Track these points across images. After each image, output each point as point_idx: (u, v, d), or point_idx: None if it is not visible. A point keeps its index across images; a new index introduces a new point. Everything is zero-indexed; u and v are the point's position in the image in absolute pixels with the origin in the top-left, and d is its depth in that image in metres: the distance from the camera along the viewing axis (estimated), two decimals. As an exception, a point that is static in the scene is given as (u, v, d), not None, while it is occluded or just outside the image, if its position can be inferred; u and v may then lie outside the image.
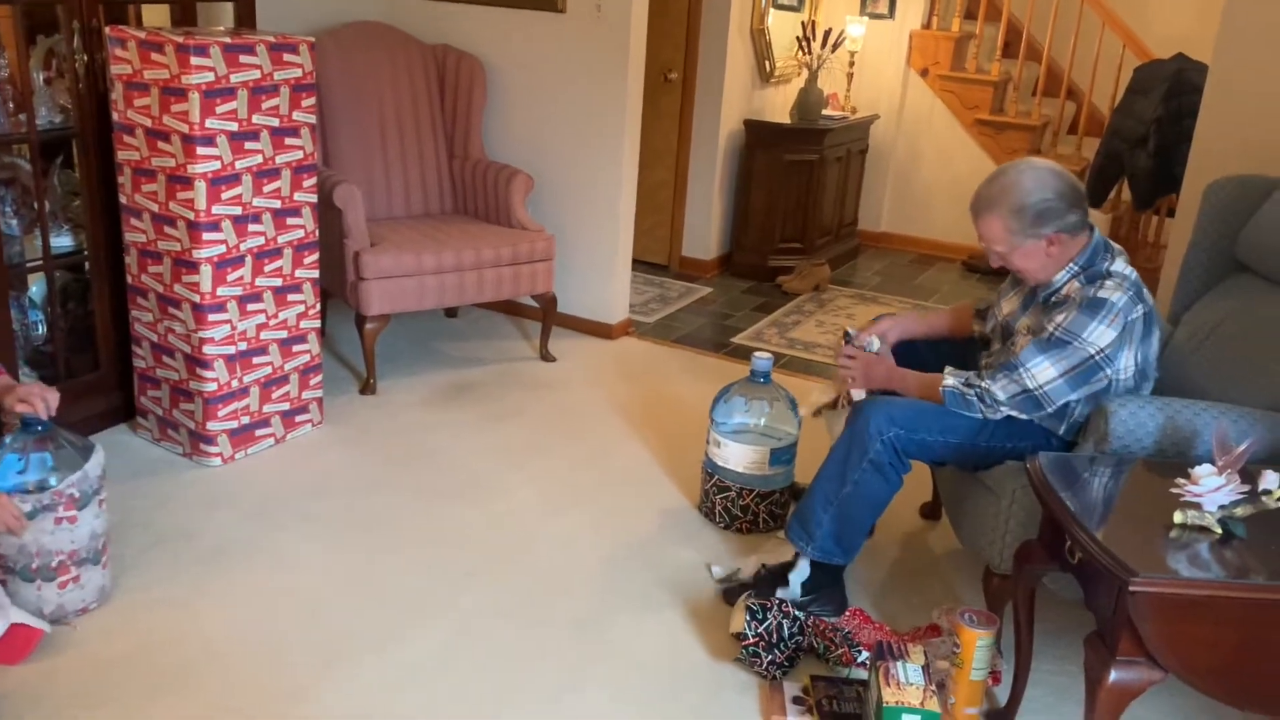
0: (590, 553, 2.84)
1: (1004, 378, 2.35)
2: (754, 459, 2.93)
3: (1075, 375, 2.29)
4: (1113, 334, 2.27)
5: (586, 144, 4.30)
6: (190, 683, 2.24)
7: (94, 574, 2.42)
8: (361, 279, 3.60)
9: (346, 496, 3.04)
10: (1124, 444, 2.20)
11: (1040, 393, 2.32)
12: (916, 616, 2.62)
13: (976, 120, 6.11)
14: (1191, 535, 1.84)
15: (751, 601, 2.42)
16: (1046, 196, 2.30)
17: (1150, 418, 2.19)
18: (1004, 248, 2.37)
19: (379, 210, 4.11)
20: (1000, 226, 2.34)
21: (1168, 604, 1.72)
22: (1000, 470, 2.40)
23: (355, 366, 3.96)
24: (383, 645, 2.41)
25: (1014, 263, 2.39)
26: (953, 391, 2.40)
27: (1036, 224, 2.31)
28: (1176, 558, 1.79)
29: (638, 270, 5.34)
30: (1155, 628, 1.72)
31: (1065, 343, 2.29)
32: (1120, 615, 1.74)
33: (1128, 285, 2.31)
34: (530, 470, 3.28)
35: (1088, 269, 2.36)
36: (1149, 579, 1.70)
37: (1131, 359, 2.33)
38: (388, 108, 4.15)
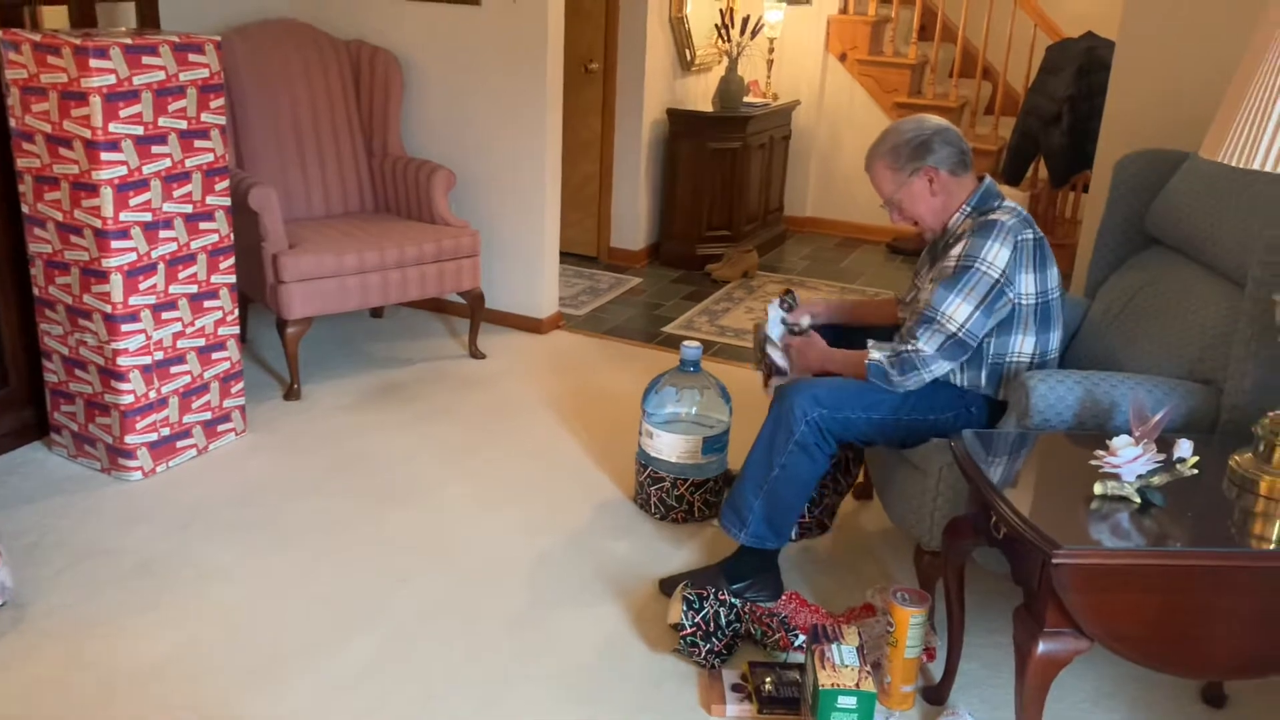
0: (525, 549, 2.82)
1: (924, 331, 2.38)
2: (686, 448, 2.92)
3: (987, 303, 2.35)
4: (1006, 252, 2.34)
5: (508, 137, 4.25)
6: (114, 704, 2.17)
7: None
8: (281, 282, 3.52)
9: (273, 505, 2.97)
10: (1045, 418, 2.23)
11: (963, 332, 2.36)
12: (851, 597, 2.64)
13: (896, 103, 6.17)
14: (1111, 506, 1.87)
15: (688, 591, 2.41)
16: (921, 131, 2.45)
17: (1069, 391, 2.23)
18: (892, 191, 2.47)
19: (297, 211, 4.02)
20: (884, 169, 2.47)
21: (1091, 574, 1.74)
22: (926, 448, 2.42)
23: (279, 372, 3.87)
24: (315, 656, 2.35)
25: (907, 210, 2.49)
26: (876, 365, 2.43)
27: (913, 158, 2.43)
28: (1098, 528, 1.82)
29: (566, 263, 5.31)
30: (1079, 598, 1.75)
31: (966, 269, 2.35)
32: (1045, 587, 1.77)
33: (1017, 212, 2.42)
34: (462, 469, 3.24)
35: (979, 207, 2.46)
36: (1072, 550, 1.73)
37: (1031, 284, 2.38)
38: (302, 106, 4.06)
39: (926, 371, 2.39)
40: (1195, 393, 2.26)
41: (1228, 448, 2.00)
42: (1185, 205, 2.58)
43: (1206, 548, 1.80)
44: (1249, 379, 2.19)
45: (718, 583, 2.51)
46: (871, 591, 2.58)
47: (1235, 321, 2.24)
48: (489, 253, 4.29)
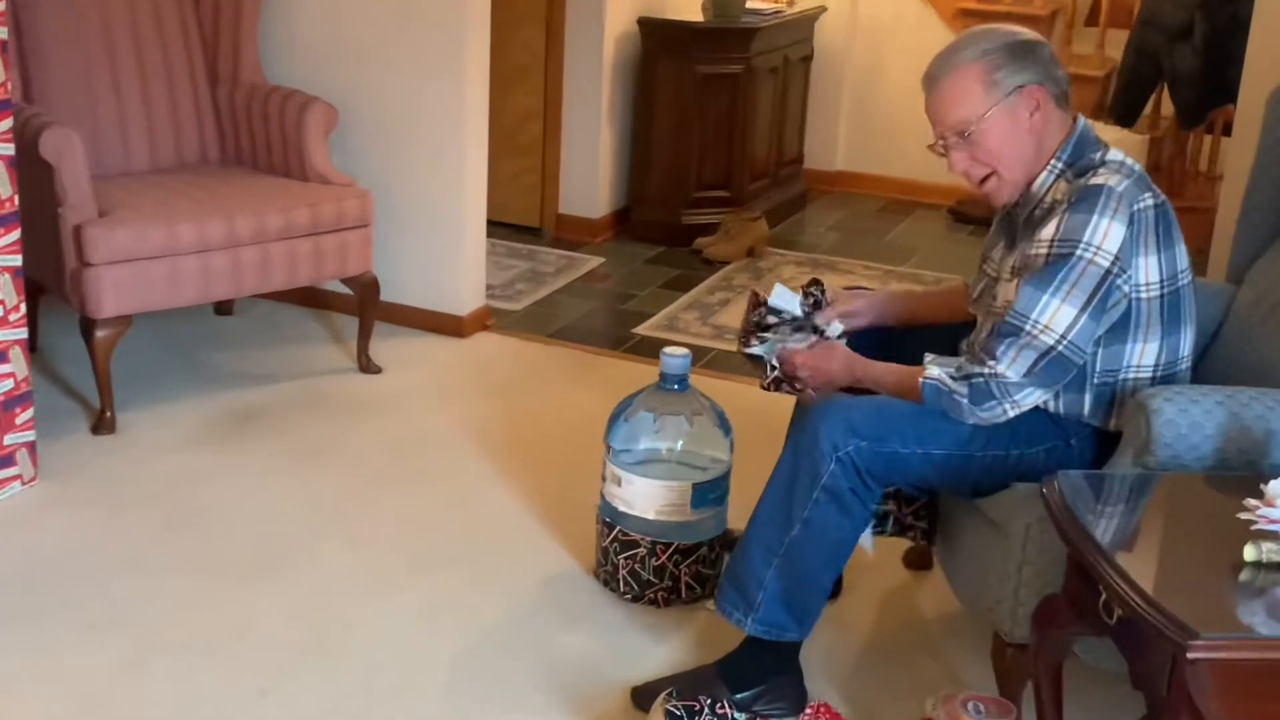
0: (442, 644, 2.82)
1: (1007, 347, 2.38)
2: (671, 500, 2.93)
3: (1095, 304, 2.35)
4: (1121, 229, 2.34)
5: (412, 58, 4.27)
6: None
7: None
8: (86, 264, 3.52)
9: (78, 585, 2.97)
10: (1173, 453, 2.25)
11: (1065, 346, 2.35)
12: (904, 708, 2.65)
13: (960, 10, 6.23)
14: (1270, 577, 1.88)
15: (673, 704, 2.42)
16: (1023, 36, 2.47)
17: (1208, 415, 2.25)
18: (973, 114, 2.42)
19: (111, 164, 4.03)
20: (974, 75, 2.42)
21: (1240, 673, 1.76)
22: (1007, 498, 2.44)
23: (84, 393, 3.87)
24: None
25: (984, 148, 2.45)
26: (934, 386, 2.43)
27: (1015, 61, 2.42)
28: (1251, 609, 1.85)
29: (496, 236, 5.31)
30: (1224, 705, 1.76)
31: (1064, 257, 2.34)
32: (1177, 691, 1.78)
33: (1127, 168, 2.42)
34: (349, 530, 3.25)
35: (1075, 163, 2.46)
36: (1214, 640, 1.74)
37: (1154, 270, 2.40)
38: (118, 19, 4.08)
39: (1009, 402, 2.40)
40: (1384, 417, 2.29)
41: None
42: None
43: (1401, 634, 1.82)
44: None
45: (715, 691, 2.51)
46: (932, 702, 2.58)
47: None
48: (386, 223, 4.29)
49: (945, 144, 2.49)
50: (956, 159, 2.49)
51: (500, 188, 5.26)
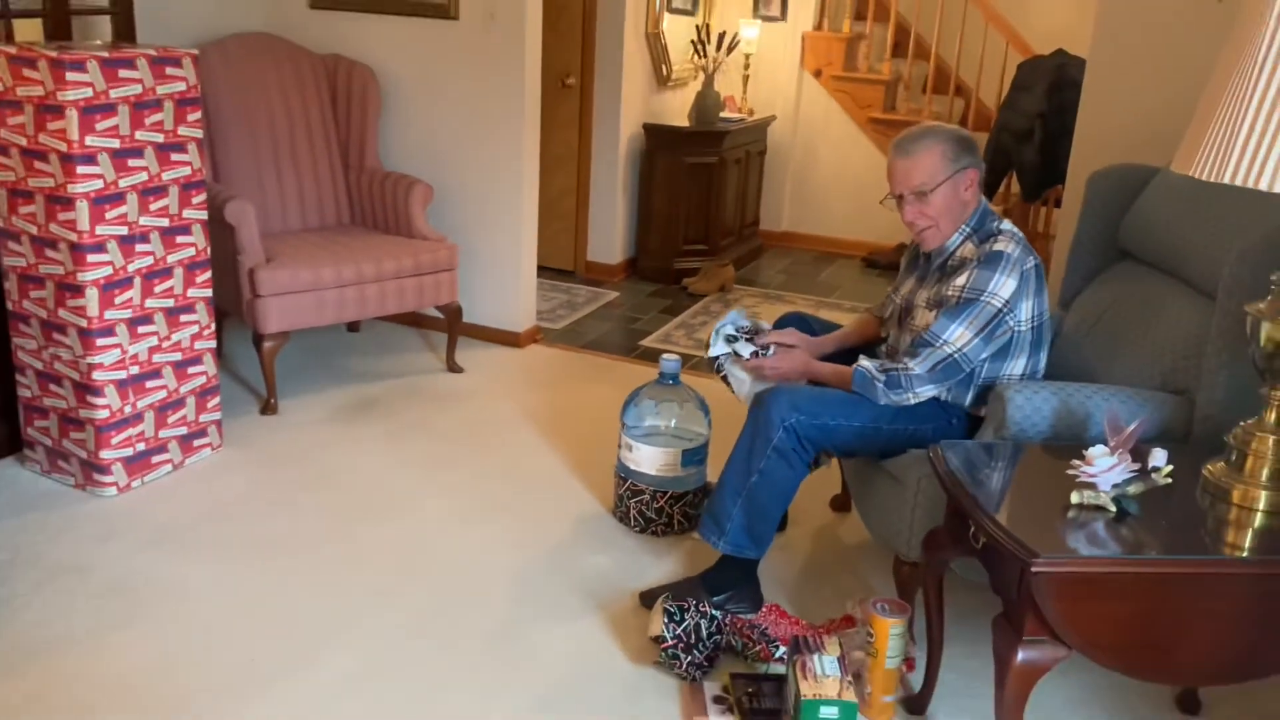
0: (503, 564, 2.81)
1: (920, 353, 2.40)
2: (666, 461, 2.93)
3: (987, 331, 2.38)
4: (1013, 284, 2.37)
5: (485, 151, 4.26)
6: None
7: None
8: (258, 296, 3.51)
9: (249, 521, 2.95)
10: (1021, 429, 2.26)
11: (959, 355, 2.39)
12: (831, 609, 2.65)
13: (870, 119, 6.23)
14: (1088, 515, 1.89)
15: (669, 604, 2.42)
16: (968, 135, 2.48)
17: (1045, 402, 2.26)
18: (936, 178, 2.41)
19: (274, 225, 4.01)
20: (938, 154, 2.42)
21: (1069, 582, 1.77)
22: (905, 459, 2.44)
23: (255, 387, 3.85)
24: (291, 671, 2.34)
25: (933, 206, 2.44)
26: (863, 373, 2.46)
27: (964, 151, 2.44)
28: (1075, 537, 1.85)
29: (543, 276, 5.30)
30: (1058, 606, 1.77)
31: (972, 301, 2.37)
32: (1024, 596, 1.79)
33: (1017, 239, 2.44)
34: (439, 484, 3.23)
35: (979, 230, 2.48)
36: (1050, 559, 1.75)
37: (1030, 310, 2.42)
38: (278, 120, 4.06)
39: (912, 393, 2.42)
40: (1168, 403, 2.30)
41: (1201, 457, 2.03)
42: (1157, 219, 2.63)
43: (1181, 556, 1.82)
44: (1220, 389, 2.23)
45: (698, 595, 2.51)
46: (851, 603, 2.59)
47: (1207, 333, 2.28)
48: (466, 266, 4.29)
49: (901, 199, 2.47)
50: (909, 211, 2.47)
51: (546, 242, 5.25)
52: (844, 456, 2.70)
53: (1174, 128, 2.32)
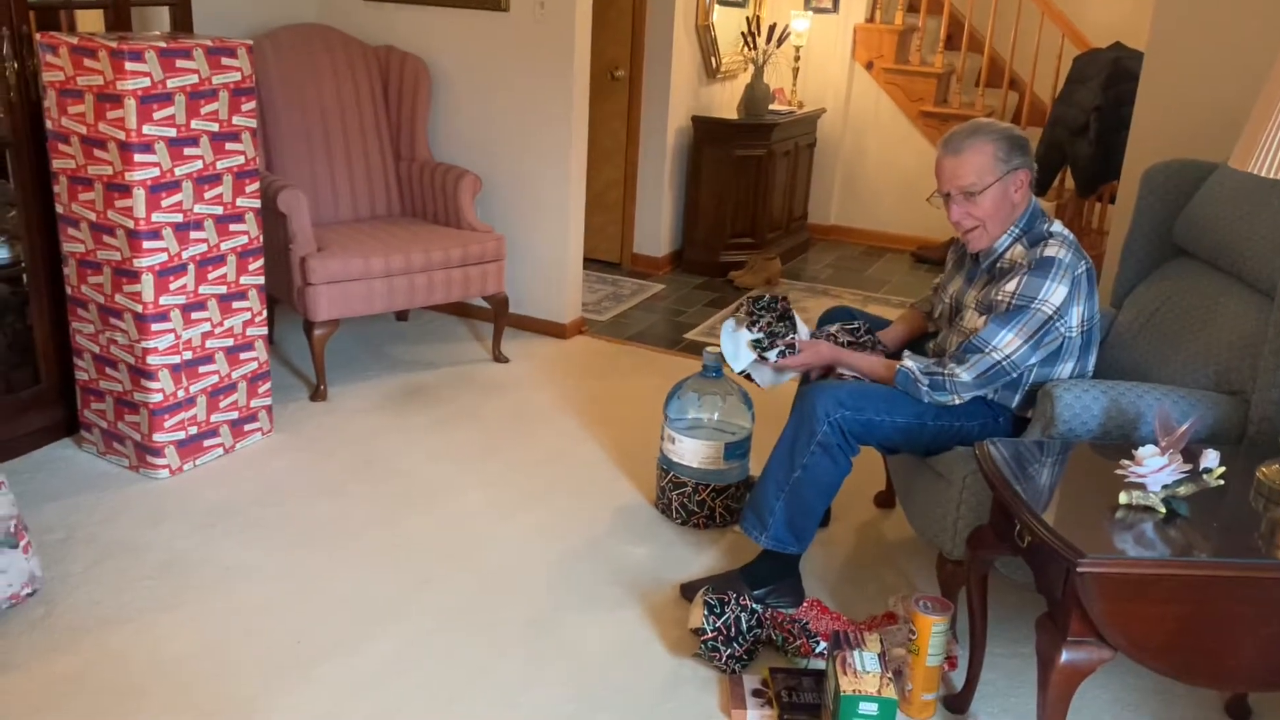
0: (546, 553, 2.83)
1: (968, 358, 2.37)
2: (708, 454, 2.93)
3: (1036, 338, 2.34)
4: (1064, 290, 2.33)
5: (534, 143, 4.28)
6: (140, 699, 2.19)
7: (14, 557, 2.38)
8: (309, 284, 3.55)
9: (298, 505, 3.00)
10: (1070, 428, 2.22)
11: (1007, 362, 2.36)
12: (872, 605, 2.64)
13: (921, 112, 6.16)
14: (1136, 515, 1.86)
15: (709, 596, 2.42)
16: (1021, 134, 2.42)
17: (1095, 400, 2.22)
18: (985, 179, 2.37)
19: (325, 214, 4.06)
20: (989, 153, 2.37)
21: (1115, 583, 1.74)
22: (950, 456, 2.42)
23: (305, 373, 3.91)
24: (336, 653, 2.37)
25: (980, 206, 2.39)
26: (906, 373, 2.43)
27: (1016, 151, 2.38)
28: (1122, 538, 1.82)
29: (589, 269, 5.33)
30: (1103, 607, 1.75)
31: (1022, 308, 2.33)
32: (1069, 596, 1.77)
33: (1069, 243, 2.39)
34: (484, 472, 3.25)
35: (1029, 232, 2.43)
36: (1096, 560, 1.72)
37: (1080, 315, 2.38)
38: (330, 110, 4.10)
39: (956, 396, 2.41)
40: (1222, 403, 2.25)
41: (1255, 459, 1.99)
42: (1214, 215, 2.57)
43: (1231, 559, 1.78)
44: (1277, 390, 2.18)
45: (739, 588, 2.51)
46: (893, 600, 2.57)
47: (1263, 331, 2.23)
48: (513, 258, 4.32)
49: (949, 198, 2.43)
50: (956, 211, 2.43)
51: (593, 234, 5.27)
52: (888, 452, 2.67)
53: (1232, 123, 2.27)
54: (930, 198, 2.52)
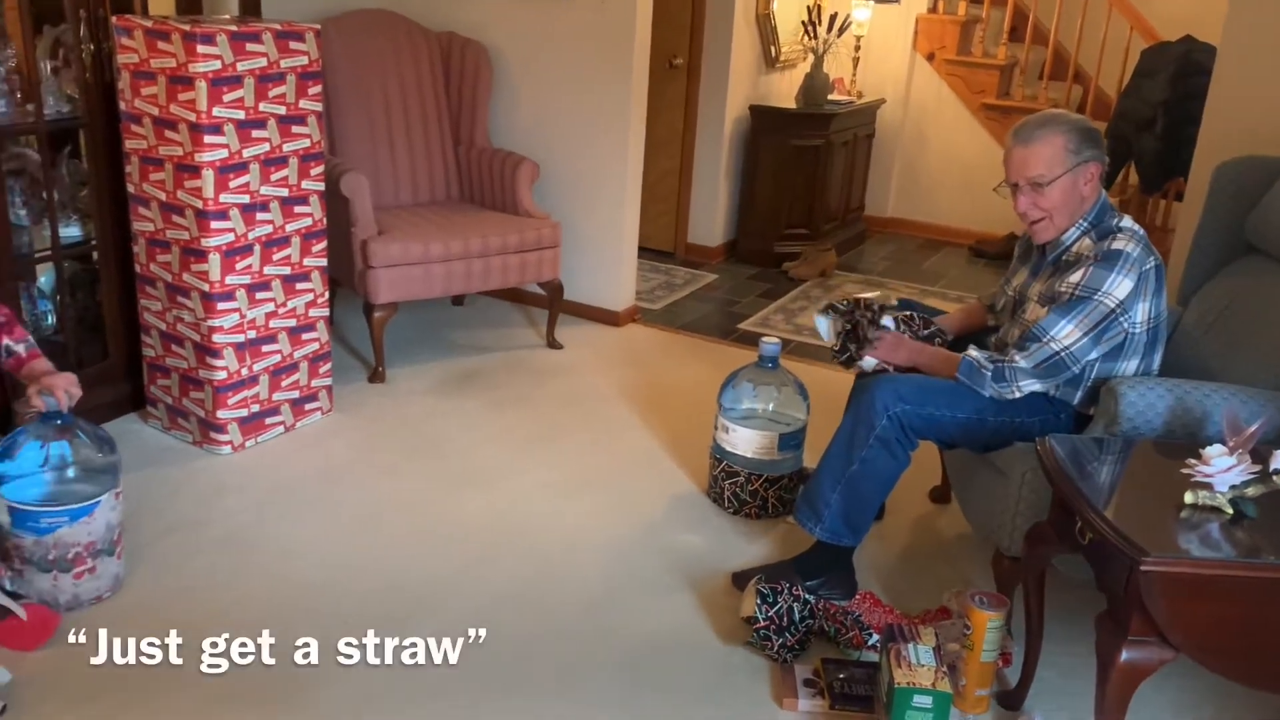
0: (598, 537, 2.85)
1: (1028, 347, 2.36)
2: (762, 444, 2.93)
3: (1097, 331, 2.31)
4: (1129, 284, 2.29)
5: (592, 131, 4.29)
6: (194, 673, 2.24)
7: (109, 564, 2.45)
8: (370, 267, 3.61)
9: (355, 484, 3.05)
10: (1134, 425, 2.20)
11: (1066, 354, 2.33)
12: (926, 599, 2.63)
13: (983, 104, 6.09)
14: (1202, 515, 1.84)
15: (762, 585, 2.43)
16: (1093, 126, 2.39)
17: (1160, 399, 2.20)
18: (1054, 170, 2.34)
19: (385, 198, 4.11)
20: (1059, 144, 2.34)
21: (1179, 583, 1.73)
22: (1010, 452, 2.40)
23: (364, 355, 3.96)
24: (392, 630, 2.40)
25: (1048, 198, 2.37)
26: (970, 362, 2.42)
27: (1088, 143, 2.35)
28: (1188, 537, 1.80)
29: (643, 257, 5.31)
30: (1166, 606, 1.73)
31: (1084, 299, 2.30)
32: (1132, 595, 1.75)
33: (1138, 237, 2.35)
34: (538, 456, 3.29)
35: (1097, 225, 2.40)
36: (1160, 558, 1.71)
37: (1146, 312, 2.35)
38: (393, 95, 4.15)
39: (1016, 386, 2.38)
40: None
41: (1326, 462, 1.95)
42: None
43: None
44: (1350, 393, 2.14)
45: (791, 578, 2.51)
46: (948, 595, 2.56)
47: (1338, 333, 2.19)
48: (569, 245, 4.33)
49: (1016, 188, 2.41)
50: (1023, 201, 2.40)
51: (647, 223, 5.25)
52: (946, 447, 2.66)
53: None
54: (997, 187, 2.49)
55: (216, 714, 2.15)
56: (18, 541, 2.34)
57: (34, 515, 2.32)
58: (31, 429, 2.36)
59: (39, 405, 2.35)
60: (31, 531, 2.32)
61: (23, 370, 2.44)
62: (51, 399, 2.35)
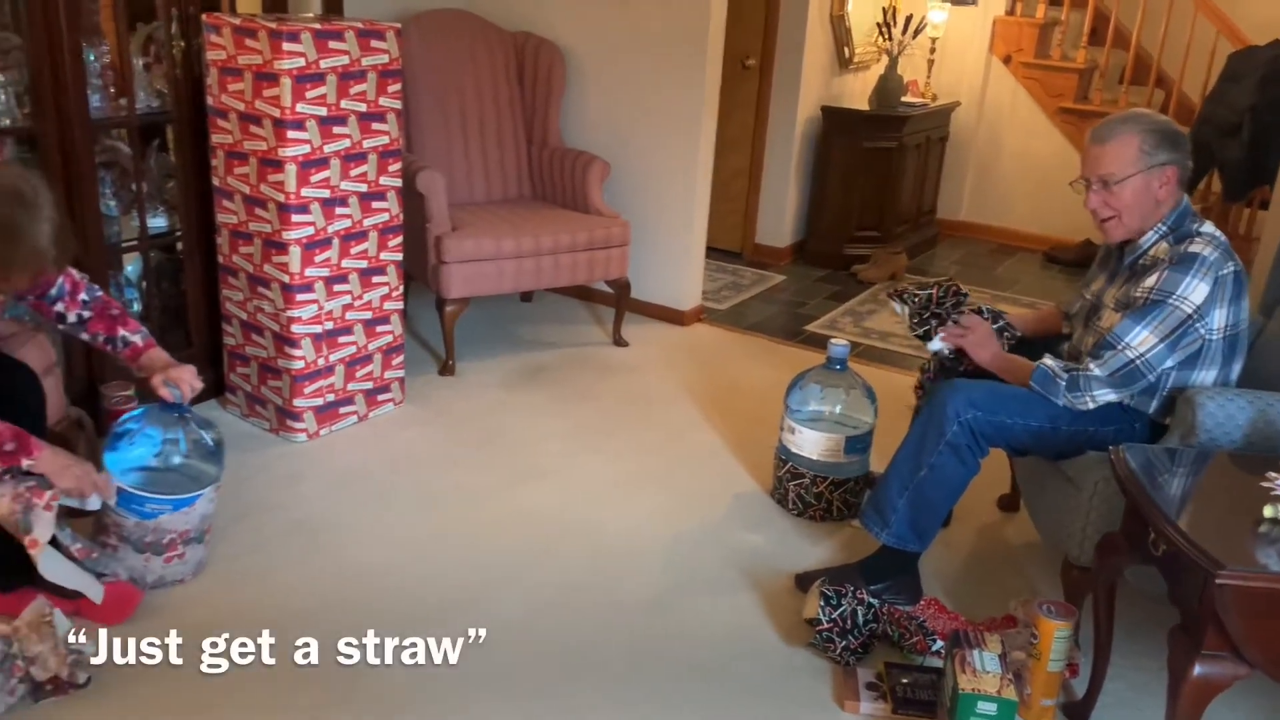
0: (661, 534, 2.87)
1: (1102, 355, 2.32)
2: (829, 447, 2.93)
3: (1173, 337, 2.26)
4: (1205, 288, 2.24)
5: (663, 131, 4.31)
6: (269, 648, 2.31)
7: (197, 550, 2.54)
8: (443, 262, 3.67)
9: (424, 473, 3.11)
10: (1212, 437, 2.16)
11: (1141, 361, 2.28)
12: (992, 608, 2.60)
13: (1060, 108, 5.99)
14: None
15: (825, 587, 2.43)
16: (1176, 128, 2.34)
17: (1241, 410, 2.16)
18: (1126, 170, 2.31)
19: (459, 195, 4.17)
20: (1134, 145, 2.31)
21: (1256, 598, 1.70)
22: (1082, 461, 2.37)
23: (435, 348, 4.03)
24: (456, 617, 2.46)
25: (1119, 197, 2.34)
26: (1045, 371, 2.39)
27: (1165, 146, 2.31)
28: (1266, 552, 1.77)
29: (711, 257, 5.31)
30: (1242, 621, 1.70)
31: (1159, 303, 2.26)
32: (1206, 608, 1.73)
33: (1216, 242, 2.30)
34: (603, 452, 3.32)
35: (1176, 229, 2.35)
36: (1237, 572, 1.68)
37: (1224, 318, 2.29)
38: (469, 94, 4.21)
39: (1090, 396, 2.34)
40: (1380, 420, 2.16)
41: None
42: (1379, 223, 2.45)
43: (1385, 581, 1.72)
44: None
45: (856, 581, 2.50)
46: (1015, 603, 2.53)
47: None
48: (637, 244, 4.35)
49: (1089, 185, 2.38)
50: (1093, 199, 2.38)
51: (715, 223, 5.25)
52: (1017, 455, 2.63)
53: None
54: (1073, 182, 2.46)
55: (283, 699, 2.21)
56: (118, 519, 2.43)
57: (140, 499, 2.41)
58: (150, 415, 2.45)
59: (165, 395, 2.44)
60: (135, 514, 2.41)
61: (140, 359, 2.50)
62: (177, 390, 2.44)
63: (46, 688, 2.11)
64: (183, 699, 2.16)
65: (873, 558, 2.58)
